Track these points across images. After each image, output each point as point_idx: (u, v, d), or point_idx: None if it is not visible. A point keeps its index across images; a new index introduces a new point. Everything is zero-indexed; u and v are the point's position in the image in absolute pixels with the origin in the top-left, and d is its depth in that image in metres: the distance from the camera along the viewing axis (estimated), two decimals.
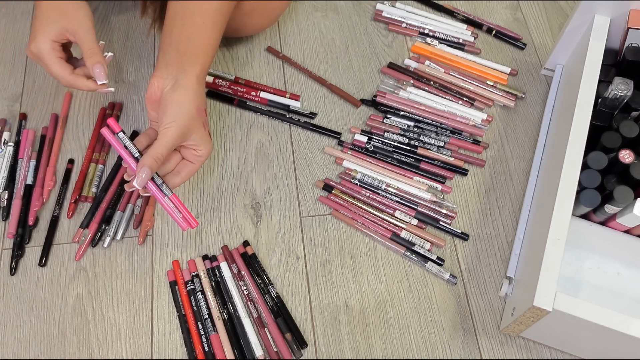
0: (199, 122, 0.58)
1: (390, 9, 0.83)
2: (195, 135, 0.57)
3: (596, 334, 0.51)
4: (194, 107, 0.57)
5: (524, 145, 0.73)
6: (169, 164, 0.58)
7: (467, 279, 0.64)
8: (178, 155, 0.59)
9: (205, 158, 0.59)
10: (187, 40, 0.59)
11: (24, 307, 0.61)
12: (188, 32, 0.59)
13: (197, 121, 0.57)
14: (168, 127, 0.55)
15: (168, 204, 0.57)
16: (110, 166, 0.69)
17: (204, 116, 0.59)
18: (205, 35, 0.60)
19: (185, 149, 0.59)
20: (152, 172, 0.54)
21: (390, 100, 0.74)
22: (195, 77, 0.58)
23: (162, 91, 0.57)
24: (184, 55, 0.58)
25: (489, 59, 0.79)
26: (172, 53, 0.58)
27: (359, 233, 0.66)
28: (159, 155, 0.55)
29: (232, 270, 0.63)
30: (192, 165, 0.59)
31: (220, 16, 0.62)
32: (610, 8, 0.65)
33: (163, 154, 0.55)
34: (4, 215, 0.65)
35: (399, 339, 0.61)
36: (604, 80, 0.63)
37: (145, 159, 0.54)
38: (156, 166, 0.55)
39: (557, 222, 0.53)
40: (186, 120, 0.56)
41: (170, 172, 0.58)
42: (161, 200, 0.57)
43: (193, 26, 0.59)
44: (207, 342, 0.59)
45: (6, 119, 0.72)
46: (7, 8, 0.82)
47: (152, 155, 0.54)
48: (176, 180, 0.58)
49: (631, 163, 0.56)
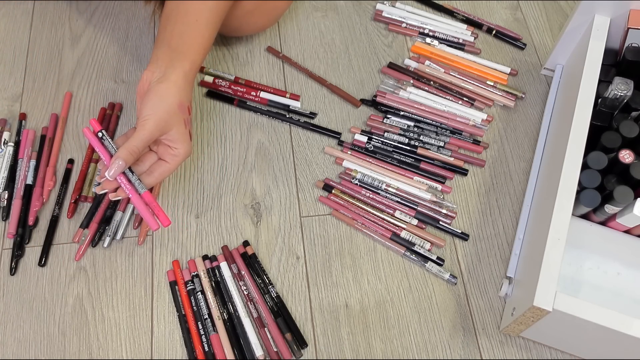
0: (180, 118, 0.57)
1: (390, 9, 0.83)
2: (174, 131, 0.56)
3: (596, 334, 0.51)
4: (175, 102, 0.56)
5: (524, 145, 0.73)
6: (143, 164, 0.57)
7: (467, 279, 0.64)
8: (153, 155, 0.58)
9: (181, 158, 0.58)
10: (179, 37, 0.59)
11: (24, 307, 0.61)
12: (180, 30, 0.59)
13: (178, 116, 0.56)
14: (146, 119, 0.55)
15: (139, 200, 0.55)
16: None
17: (187, 114, 0.58)
18: (197, 33, 0.60)
19: (162, 147, 0.58)
20: (125, 164, 0.53)
21: (390, 100, 0.74)
22: (182, 73, 0.58)
23: (149, 84, 0.57)
24: (174, 52, 0.58)
25: (489, 59, 0.79)
26: (164, 48, 0.59)
27: (359, 233, 0.66)
28: (133, 148, 0.54)
29: (232, 270, 0.63)
30: (167, 165, 0.57)
31: (215, 15, 0.62)
32: (610, 8, 0.65)
33: (138, 146, 0.54)
34: (4, 215, 0.65)
35: (399, 339, 0.61)
36: (604, 80, 0.63)
37: (119, 151, 0.53)
38: (131, 159, 0.54)
39: (557, 222, 0.53)
40: (165, 113, 0.55)
41: (144, 172, 0.57)
42: (132, 196, 0.55)
43: (186, 24, 0.60)
44: (207, 342, 0.59)
45: (6, 119, 0.72)
46: (7, 8, 0.82)
47: (127, 148, 0.53)
48: (149, 180, 0.57)
49: (631, 163, 0.56)
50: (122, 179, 0.54)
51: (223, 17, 0.64)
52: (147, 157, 0.58)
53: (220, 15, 0.63)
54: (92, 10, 0.82)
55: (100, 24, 0.81)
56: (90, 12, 0.82)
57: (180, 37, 0.59)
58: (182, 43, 0.59)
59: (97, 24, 0.81)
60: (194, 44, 0.60)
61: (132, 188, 0.55)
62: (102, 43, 0.79)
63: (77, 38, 0.79)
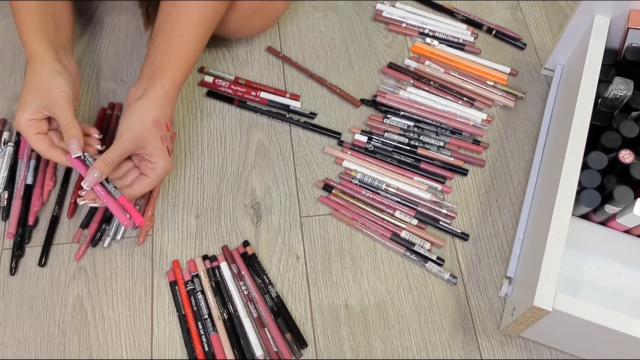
0: (155, 134, 0.59)
1: (390, 9, 0.83)
2: (149, 146, 0.59)
3: (596, 334, 0.51)
4: (150, 119, 0.58)
5: (524, 145, 0.73)
6: (126, 178, 0.60)
7: (467, 279, 0.64)
8: (136, 171, 0.61)
9: (160, 172, 0.60)
10: (162, 54, 0.61)
11: (24, 307, 0.61)
12: (164, 46, 0.61)
13: (153, 132, 0.59)
14: (122, 134, 0.58)
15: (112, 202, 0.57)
16: None
17: (164, 130, 0.60)
18: (179, 49, 0.61)
19: (143, 162, 0.60)
20: (101, 174, 0.56)
21: (390, 100, 0.74)
22: (161, 90, 0.59)
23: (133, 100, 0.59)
24: (156, 69, 0.60)
25: (489, 59, 0.80)
26: (148, 66, 0.61)
27: (359, 233, 0.66)
28: (108, 160, 0.56)
29: (232, 270, 0.63)
30: (147, 179, 0.60)
31: (201, 30, 0.62)
32: (610, 8, 0.65)
33: (112, 158, 0.57)
34: (4, 215, 0.65)
35: (399, 339, 0.61)
36: (604, 80, 0.63)
37: (96, 162, 0.56)
38: (106, 169, 0.56)
39: (557, 222, 0.53)
40: (139, 129, 0.58)
41: (126, 186, 0.59)
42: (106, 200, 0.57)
43: (169, 40, 0.61)
44: (207, 342, 0.59)
45: (6, 119, 0.72)
46: (7, 8, 0.82)
47: (103, 159, 0.56)
48: (130, 192, 0.59)
49: (631, 163, 0.56)
50: (97, 188, 0.57)
51: (211, 32, 0.65)
52: (130, 172, 0.61)
53: (208, 30, 0.64)
54: (92, 10, 0.82)
55: (100, 23, 0.81)
56: (90, 12, 0.82)
57: (164, 53, 0.61)
58: (164, 60, 0.61)
59: (97, 24, 0.81)
60: (176, 61, 0.61)
61: (107, 194, 0.57)
62: (102, 43, 0.79)
63: (77, 38, 0.79)
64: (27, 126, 0.59)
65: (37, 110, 0.59)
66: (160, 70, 0.60)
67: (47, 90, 0.59)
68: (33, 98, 0.59)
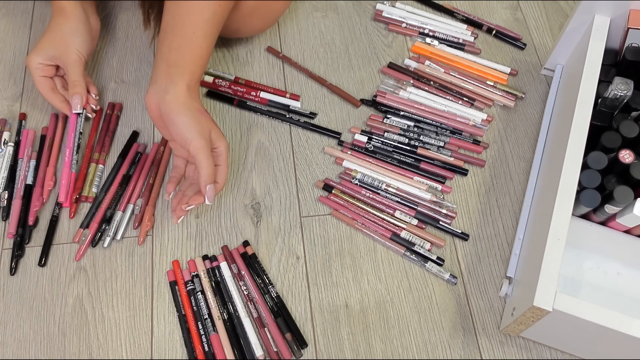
0: (209, 120, 0.60)
1: (390, 9, 0.83)
2: (213, 134, 0.60)
3: (596, 334, 0.51)
4: (198, 110, 0.59)
5: (524, 145, 0.73)
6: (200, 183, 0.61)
7: (467, 279, 0.64)
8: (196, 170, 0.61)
9: (225, 154, 0.61)
10: (177, 51, 0.59)
11: (24, 307, 0.61)
12: (178, 43, 0.60)
13: (209, 120, 0.60)
14: (196, 147, 0.57)
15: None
16: (110, 166, 0.69)
17: (208, 114, 0.61)
18: (195, 45, 0.60)
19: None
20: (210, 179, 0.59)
21: (390, 100, 0.74)
22: (185, 86, 0.59)
23: (158, 107, 0.58)
24: (172, 67, 0.59)
25: (489, 59, 0.80)
26: (162, 66, 0.59)
27: (359, 233, 0.66)
28: (224, 177, 0.61)
29: (232, 270, 0.63)
30: (221, 167, 0.61)
31: (212, 26, 0.62)
32: (610, 8, 0.65)
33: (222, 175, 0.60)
34: (4, 215, 0.65)
35: (399, 339, 0.61)
36: (604, 80, 0.63)
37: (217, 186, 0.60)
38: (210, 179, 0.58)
39: (557, 222, 0.53)
40: (205, 125, 0.59)
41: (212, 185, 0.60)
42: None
43: (183, 37, 0.60)
44: (207, 342, 0.59)
45: (6, 119, 0.72)
46: (7, 8, 0.82)
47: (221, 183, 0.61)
48: (217, 187, 0.60)
49: (631, 163, 0.56)
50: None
51: (220, 27, 0.64)
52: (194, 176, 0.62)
53: (218, 26, 0.63)
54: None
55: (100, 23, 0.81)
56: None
57: (178, 50, 0.59)
58: (180, 57, 0.59)
59: None
60: (192, 57, 0.60)
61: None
62: (102, 43, 0.79)
63: None
64: (36, 68, 0.66)
65: (50, 58, 0.66)
66: (178, 68, 0.59)
67: (64, 45, 0.66)
68: (49, 47, 0.66)
